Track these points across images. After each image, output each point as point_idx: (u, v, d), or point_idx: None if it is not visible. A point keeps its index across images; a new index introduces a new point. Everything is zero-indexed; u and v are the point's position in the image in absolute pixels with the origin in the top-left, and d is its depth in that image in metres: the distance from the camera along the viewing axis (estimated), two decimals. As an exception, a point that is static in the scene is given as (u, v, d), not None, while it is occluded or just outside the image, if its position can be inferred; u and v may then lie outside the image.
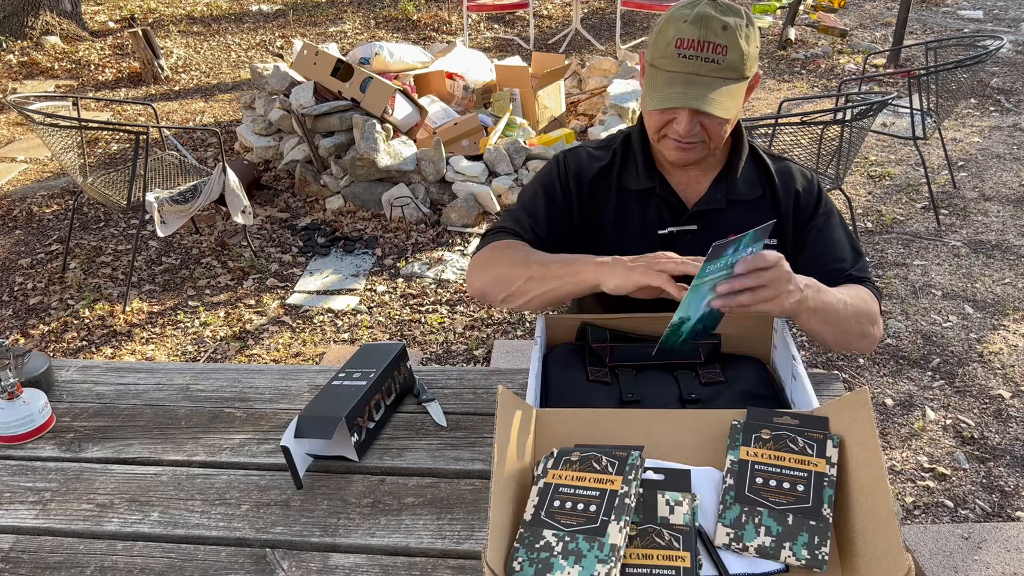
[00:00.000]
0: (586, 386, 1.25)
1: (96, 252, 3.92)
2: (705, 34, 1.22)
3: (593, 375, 1.27)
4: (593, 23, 7.71)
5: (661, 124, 1.31)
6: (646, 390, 1.25)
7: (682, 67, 1.24)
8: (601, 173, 1.46)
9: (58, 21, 7.49)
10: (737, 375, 1.27)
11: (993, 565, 2.09)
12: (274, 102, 4.60)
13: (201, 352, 3.18)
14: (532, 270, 1.29)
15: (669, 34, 1.24)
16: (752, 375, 1.27)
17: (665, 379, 1.27)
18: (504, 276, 1.33)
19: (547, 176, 1.48)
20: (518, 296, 1.32)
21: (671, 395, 1.24)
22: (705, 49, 1.22)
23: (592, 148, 1.49)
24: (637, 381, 1.27)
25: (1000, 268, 3.64)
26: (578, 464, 0.99)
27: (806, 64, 6.54)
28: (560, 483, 0.97)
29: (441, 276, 3.64)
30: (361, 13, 8.17)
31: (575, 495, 0.95)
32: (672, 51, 1.24)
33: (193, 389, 1.53)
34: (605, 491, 0.95)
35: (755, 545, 0.93)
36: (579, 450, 1.01)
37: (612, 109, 4.58)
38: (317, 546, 1.16)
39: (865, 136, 3.51)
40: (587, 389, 1.25)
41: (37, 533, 1.20)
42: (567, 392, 1.25)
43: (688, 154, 1.33)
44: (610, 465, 0.98)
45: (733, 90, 1.25)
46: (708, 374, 1.27)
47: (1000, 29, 7.41)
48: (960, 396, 2.83)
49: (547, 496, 0.96)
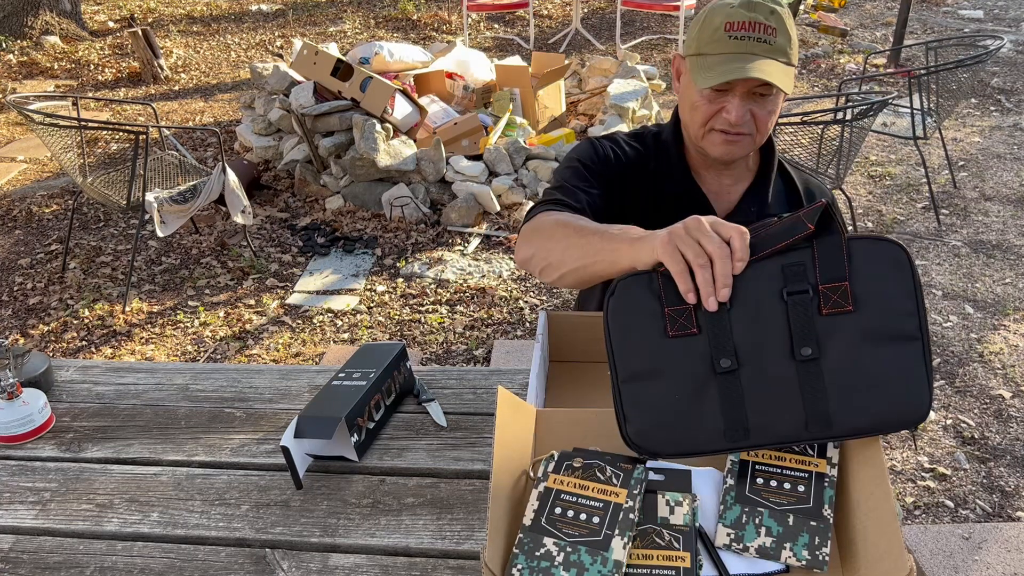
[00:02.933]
0: (665, 346, 0.93)
1: (96, 252, 3.92)
2: (755, 16, 1.22)
3: (674, 326, 0.93)
4: (593, 23, 7.71)
5: (709, 115, 1.28)
6: (744, 341, 0.91)
7: (735, 47, 1.22)
8: (638, 163, 1.42)
9: (58, 21, 7.48)
10: (867, 286, 0.91)
11: (993, 565, 2.08)
12: (274, 102, 4.60)
13: (201, 352, 3.18)
14: (573, 240, 1.15)
15: (716, 21, 1.24)
16: (888, 291, 0.91)
17: (770, 309, 0.91)
18: (547, 246, 1.22)
19: (584, 156, 1.41)
20: (556, 268, 1.19)
21: (779, 345, 0.91)
22: (756, 29, 1.22)
23: (629, 138, 1.45)
24: (731, 324, 0.92)
25: (1000, 268, 3.64)
26: (581, 471, 0.97)
27: (806, 64, 6.53)
28: (562, 489, 0.96)
29: (441, 276, 3.64)
30: (361, 13, 8.17)
31: (577, 503, 0.94)
32: (722, 34, 1.23)
33: (193, 389, 1.53)
34: (609, 503, 0.93)
35: (755, 545, 0.93)
36: (581, 455, 1.00)
37: (612, 109, 4.58)
38: (317, 546, 1.15)
39: (865, 136, 3.51)
40: (665, 352, 0.93)
41: (37, 533, 1.20)
42: (637, 355, 0.93)
43: (735, 148, 1.30)
44: (615, 476, 0.96)
45: (787, 71, 1.24)
46: (829, 292, 0.91)
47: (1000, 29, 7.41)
48: (960, 396, 2.83)
49: (548, 502, 0.95)
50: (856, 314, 0.91)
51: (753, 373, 0.92)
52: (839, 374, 0.91)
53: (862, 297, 0.91)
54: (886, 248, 0.91)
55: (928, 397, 0.91)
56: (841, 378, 0.91)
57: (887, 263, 0.90)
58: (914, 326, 0.91)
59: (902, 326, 0.91)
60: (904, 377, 0.90)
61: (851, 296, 0.90)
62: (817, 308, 0.91)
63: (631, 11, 7.49)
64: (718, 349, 0.92)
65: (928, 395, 0.91)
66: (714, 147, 1.31)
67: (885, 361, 0.91)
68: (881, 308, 0.91)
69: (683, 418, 0.94)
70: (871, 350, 0.91)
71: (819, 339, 0.91)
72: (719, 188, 1.40)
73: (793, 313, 0.91)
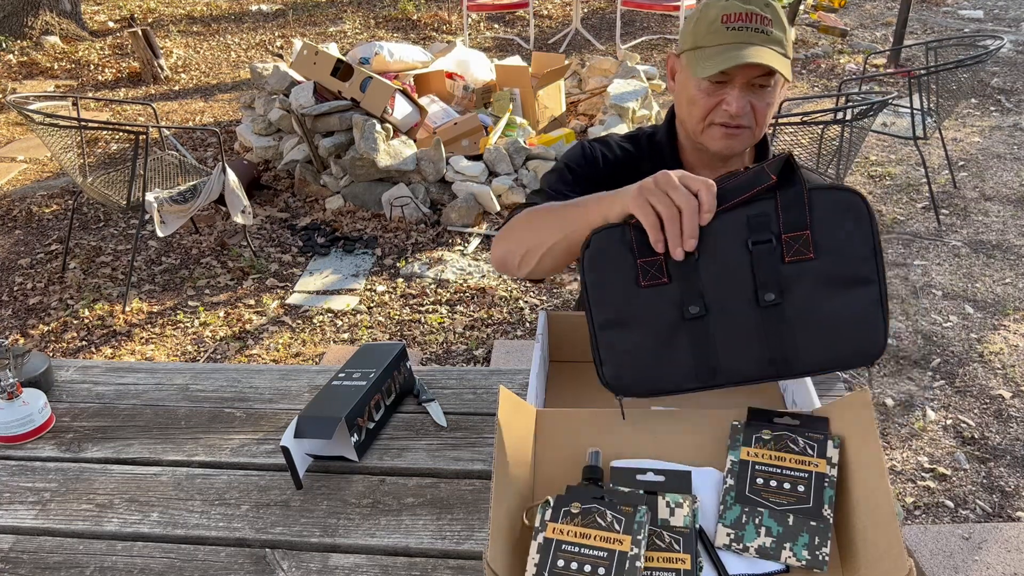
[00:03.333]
0: (638, 294, 0.99)
1: (96, 252, 3.92)
2: (751, 8, 1.23)
3: (646, 276, 0.99)
4: (593, 23, 7.71)
5: (708, 108, 1.28)
6: (711, 288, 0.98)
7: (733, 38, 1.23)
8: (630, 165, 1.42)
9: (58, 21, 7.48)
10: (827, 234, 0.97)
11: (993, 565, 2.08)
12: (274, 102, 4.60)
13: (201, 352, 3.18)
14: (546, 220, 1.19)
15: (711, 14, 1.25)
16: (847, 240, 0.97)
17: (736, 258, 0.97)
18: (520, 238, 1.23)
19: (574, 159, 1.42)
20: (535, 251, 1.19)
21: (745, 291, 0.97)
22: (754, 20, 1.23)
23: (622, 140, 1.46)
24: (699, 272, 0.98)
25: (1000, 268, 3.64)
26: (581, 518, 0.93)
27: (806, 64, 6.53)
28: (562, 539, 0.91)
29: (441, 276, 3.64)
30: (361, 13, 8.17)
31: (581, 555, 0.89)
32: (719, 26, 1.24)
33: (193, 389, 1.53)
34: (614, 552, 0.90)
35: (755, 545, 0.93)
36: (577, 499, 0.95)
37: (612, 109, 4.58)
38: (317, 546, 1.15)
39: (865, 136, 3.51)
40: (638, 300, 0.99)
41: (37, 533, 1.20)
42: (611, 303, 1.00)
43: (734, 141, 1.30)
44: (616, 522, 0.92)
45: (785, 62, 1.25)
46: (792, 241, 0.96)
47: (1000, 29, 7.41)
48: (960, 396, 2.83)
49: (549, 554, 0.90)
50: (817, 261, 0.96)
51: (720, 318, 0.98)
52: (800, 317, 0.97)
53: (822, 244, 0.96)
54: (845, 197, 0.96)
55: (884, 335, 0.97)
56: (802, 321, 0.97)
57: (846, 212, 0.96)
58: (870, 269, 0.96)
59: (859, 270, 0.96)
60: (862, 318, 0.97)
61: (812, 244, 0.96)
62: (780, 256, 0.97)
63: (631, 11, 7.49)
64: (687, 296, 0.98)
65: (884, 333, 0.97)
66: (714, 141, 1.31)
67: (844, 304, 0.97)
68: (840, 255, 0.96)
69: (655, 360, 1.00)
70: (831, 294, 0.97)
71: (782, 285, 0.97)
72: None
73: (757, 261, 0.97)
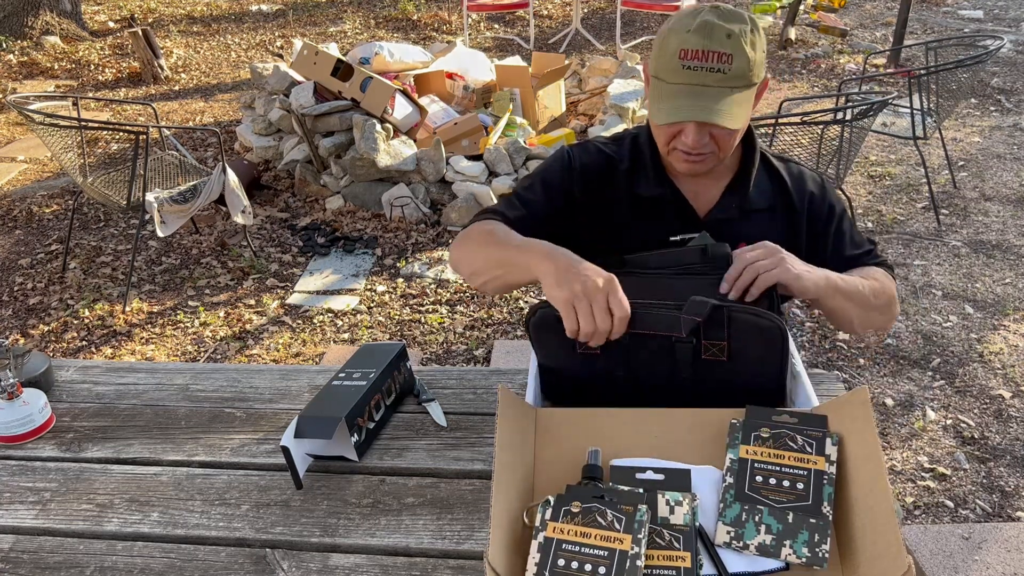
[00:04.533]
0: (573, 357, 1.20)
1: (96, 252, 3.92)
2: (709, 43, 1.18)
3: (581, 347, 1.19)
4: (593, 23, 7.71)
5: (669, 137, 1.29)
6: (636, 362, 1.18)
7: (687, 79, 1.20)
8: (612, 172, 1.41)
9: (58, 21, 7.49)
10: (742, 351, 1.15)
11: (993, 565, 2.08)
12: (274, 102, 4.60)
13: (201, 352, 3.18)
14: (493, 251, 1.26)
15: (672, 45, 1.21)
16: (760, 357, 1.15)
17: (660, 346, 1.16)
18: (472, 253, 1.31)
19: (549, 170, 1.42)
20: (480, 274, 1.30)
21: (664, 370, 1.17)
22: (710, 59, 1.19)
23: (603, 144, 1.44)
24: (626, 351, 1.17)
25: (1000, 268, 3.64)
26: (581, 517, 0.93)
27: (806, 64, 6.54)
28: (562, 538, 0.91)
29: (441, 276, 3.64)
30: (361, 13, 8.17)
31: (581, 554, 0.89)
32: (676, 63, 1.20)
33: (193, 389, 1.53)
34: (614, 551, 0.90)
35: (755, 543, 0.93)
36: (577, 498, 0.95)
37: (612, 109, 4.58)
38: (317, 546, 1.16)
39: (865, 136, 3.51)
40: (573, 361, 1.20)
41: (37, 533, 1.20)
42: (552, 359, 1.22)
43: (698, 166, 1.30)
44: (616, 521, 0.92)
45: (741, 98, 1.22)
46: (712, 346, 1.15)
47: (1000, 29, 7.41)
48: (960, 396, 2.83)
49: (549, 553, 0.90)
50: (729, 363, 1.15)
51: (642, 381, 1.19)
52: (711, 392, 1.17)
53: (737, 354, 1.14)
54: (764, 325, 1.11)
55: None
56: (712, 393, 1.17)
57: (761, 337, 1.12)
58: (777, 384, 1.16)
59: (765, 384, 1.16)
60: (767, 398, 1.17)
61: (728, 351, 1.14)
62: (698, 352, 1.15)
63: (631, 11, 7.50)
64: (614, 366, 1.19)
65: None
66: (678, 164, 1.33)
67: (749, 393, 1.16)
68: (750, 368, 1.15)
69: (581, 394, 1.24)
70: (738, 385, 1.16)
71: (697, 376, 1.16)
72: (697, 187, 1.40)
73: (678, 352, 1.15)
